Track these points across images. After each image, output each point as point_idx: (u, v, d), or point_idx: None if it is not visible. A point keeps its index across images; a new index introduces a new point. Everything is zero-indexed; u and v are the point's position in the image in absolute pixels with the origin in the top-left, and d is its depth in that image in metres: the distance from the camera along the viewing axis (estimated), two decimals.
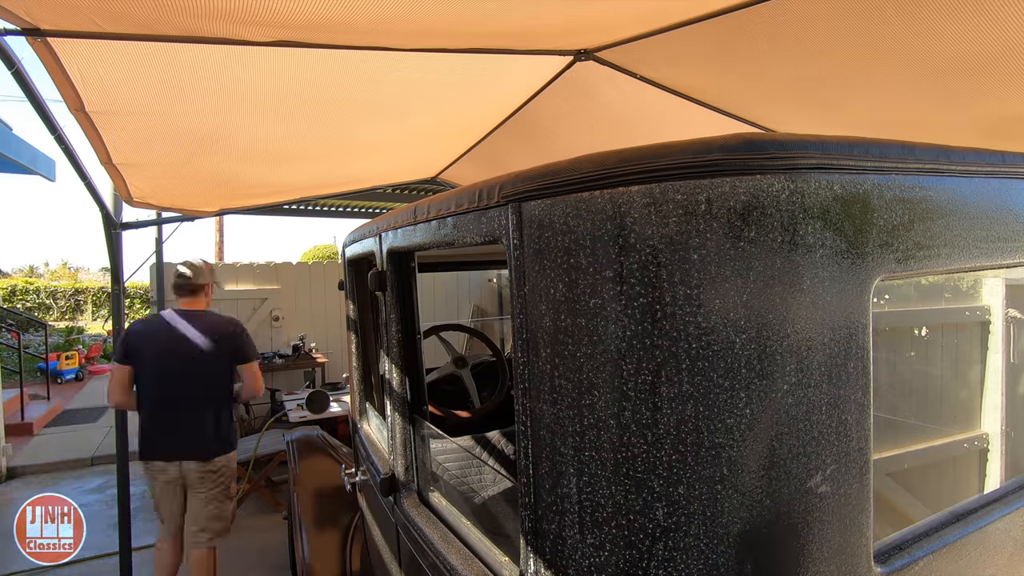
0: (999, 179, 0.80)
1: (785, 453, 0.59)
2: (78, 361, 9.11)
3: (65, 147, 1.91)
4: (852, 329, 0.63)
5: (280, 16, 1.30)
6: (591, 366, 0.61)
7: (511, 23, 1.50)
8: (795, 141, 0.59)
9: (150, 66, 1.49)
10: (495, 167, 3.03)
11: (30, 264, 21.85)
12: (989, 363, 2.70)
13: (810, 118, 2.17)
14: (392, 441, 1.35)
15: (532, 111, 2.42)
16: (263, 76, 1.64)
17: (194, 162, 2.26)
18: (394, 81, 1.86)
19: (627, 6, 1.48)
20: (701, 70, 1.92)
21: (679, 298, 0.57)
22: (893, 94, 1.82)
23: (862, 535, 0.65)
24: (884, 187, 0.65)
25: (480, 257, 2.15)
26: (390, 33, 1.50)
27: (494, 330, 6.09)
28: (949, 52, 1.48)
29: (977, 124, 1.96)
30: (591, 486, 0.62)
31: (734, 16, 1.48)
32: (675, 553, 0.59)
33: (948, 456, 2.67)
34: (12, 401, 6.21)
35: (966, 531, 0.81)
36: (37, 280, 15.55)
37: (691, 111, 2.22)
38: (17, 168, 4.97)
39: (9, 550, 3.39)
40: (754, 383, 0.58)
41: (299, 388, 5.05)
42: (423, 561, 1.12)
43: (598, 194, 0.60)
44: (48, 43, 1.28)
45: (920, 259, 0.69)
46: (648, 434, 0.59)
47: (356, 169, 2.80)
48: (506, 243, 0.68)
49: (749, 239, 0.57)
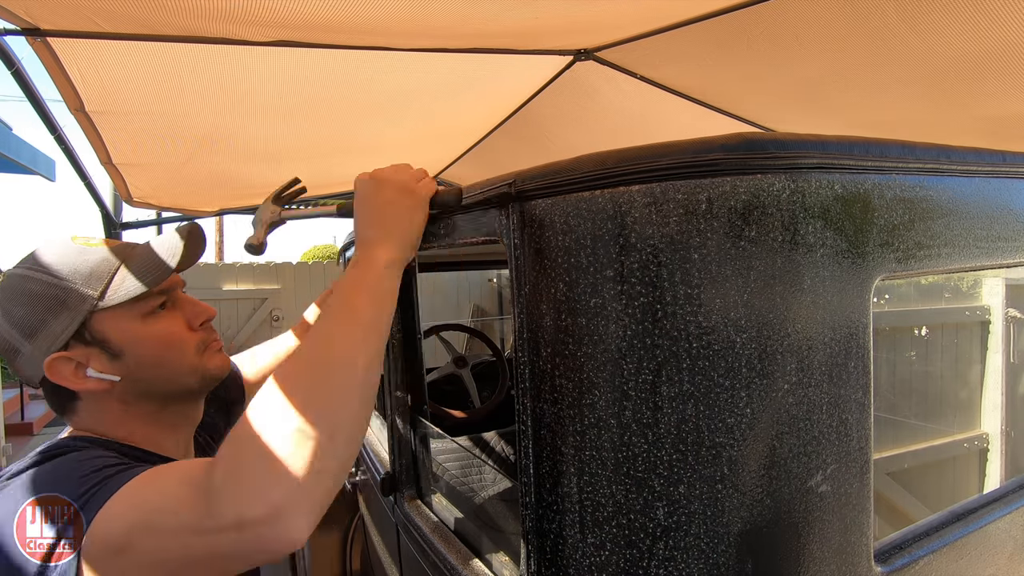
0: (999, 179, 0.80)
1: (786, 452, 0.59)
2: None
3: (65, 147, 1.92)
4: (853, 328, 0.63)
5: (280, 16, 1.30)
6: (592, 365, 0.61)
7: (511, 23, 1.50)
8: (795, 141, 0.59)
9: (150, 66, 1.49)
10: (495, 167, 3.03)
11: None
12: (989, 363, 2.71)
13: (810, 118, 2.17)
14: (392, 441, 1.35)
15: (532, 111, 2.42)
16: (263, 76, 1.64)
17: (194, 162, 2.26)
18: (394, 81, 1.86)
19: (627, 6, 1.48)
20: (701, 70, 1.92)
21: (680, 297, 0.57)
22: (893, 94, 1.82)
23: (862, 534, 0.65)
24: (884, 187, 0.65)
25: (480, 257, 2.15)
26: (390, 33, 1.50)
27: (494, 330, 6.09)
28: (949, 52, 1.48)
29: (977, 124, 1.96)
30: (592, 485, 0.62)
31: (734, 16, 1.48)
32: (676, 552, 0.59)
33: (948, 456, 2.68)
34: (12, 401, 6.21)
35: (966, 531, 0.81)
36: None
37: (691, 111, 2.22)
38: (17, 168, 4.98)
39: None
40: (755, 382, 0.58)
41: None
42: (423, 561, 1.12)
43: (599, 194, 0.60)
44: (48, 43, 1.28)
45: (920, 259, 0.69)
46: (649, 433, 0.59)
47: (356, 169, 2.79)
48: (506, 243, 0.68)
49: (750, 238, 0.57)
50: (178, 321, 0.75)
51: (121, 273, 0.70)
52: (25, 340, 0.67)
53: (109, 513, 0.53)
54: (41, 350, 0.66)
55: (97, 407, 0.71)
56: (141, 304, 0.71)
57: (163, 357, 0.72)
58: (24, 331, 0.66)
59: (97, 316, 0.68)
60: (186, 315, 0.77)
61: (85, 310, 0.67)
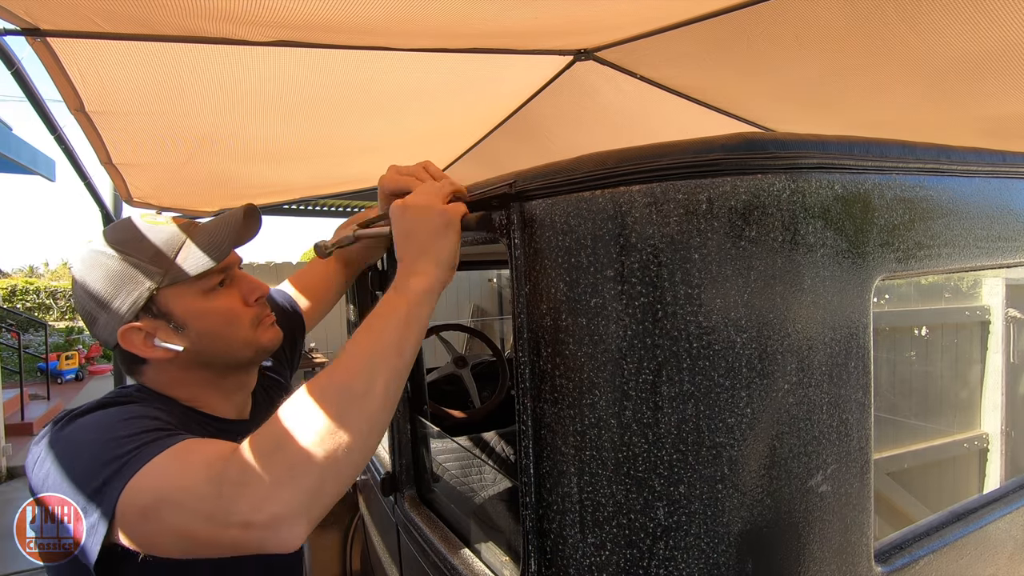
0: (999, 179, 0.80)
1: (786, 452, 0.60)
2: (78, 361, 9.12)
3: (65, 147, 1.91)
4: (853, 328, 0.63)
5: (280, 16, 1.30)
6: (592, 365, 0.61)
7: (511, 23, 1.50)
8: (796, 141, 0.59)
9: (150, 66, 1.49)
10: (495, 167, 3.03)
11: (30, 264, 21.88)
12: (989, 363, 2.71)
13: (810, 118, 2.17)
14: (392, 441, 1.35)
15: (532, 111, 2.42)
16: (263, 76, 1.64)
17: (194, 162, 2.26)
18: (394, 81, 1.86)
19: (627, 6, 1.48)
20: (701, 70, 1.92)
21: (680, 297, 0.57)
22: (893, 94, 1.82)
23: (863, 534, 0.65)
24: (885, 187, 0.65)
25: (480, 257, 2.15)
26: (390, 33, 1.50)
27: (494, 330, 6.09)
28: (949, 52, 1.48)
29: (977, 124, 1.96)
30: (592, 485, 0.62)
31: (734, 16, 1.48)
32: (676, 552, 0.59)
33: (948, 456, 2.68)
34: (12, 401, 6.22)
35: (966, 531, 0.81)
36: (37, 280, 15.55)
37: (691, 111, 2.22)
38: (17, 168, 4.97)
39: (9, 550, 3.40)
40: (755, 382, 0.58)
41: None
42: (423, 561, 1.12)
43: (599, 194, 0.60)
44: (48, 43, 1.28)
45: (920, 259, 0.69)
46: (649, 433, 0.59)
47: (356, 169, 2.80)
48: (506, 243, 0.68)
49: (750, 238, 0.57)
50: (235, 297, 0.81)
51: (184, 251, 0.76)
52: (101, 310, 0.74)
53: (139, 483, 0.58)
54: (115, 320, 0.74)
55: (162, 371, 0.79)
56: (203, 281, 0.77)
57: (222, 331, 0.79)
58: (100, 302, 0.74)
59: (163, 292, 0.75)
60: (242, 291, 0.83)
61: (152, 286, 0.74)
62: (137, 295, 0.74)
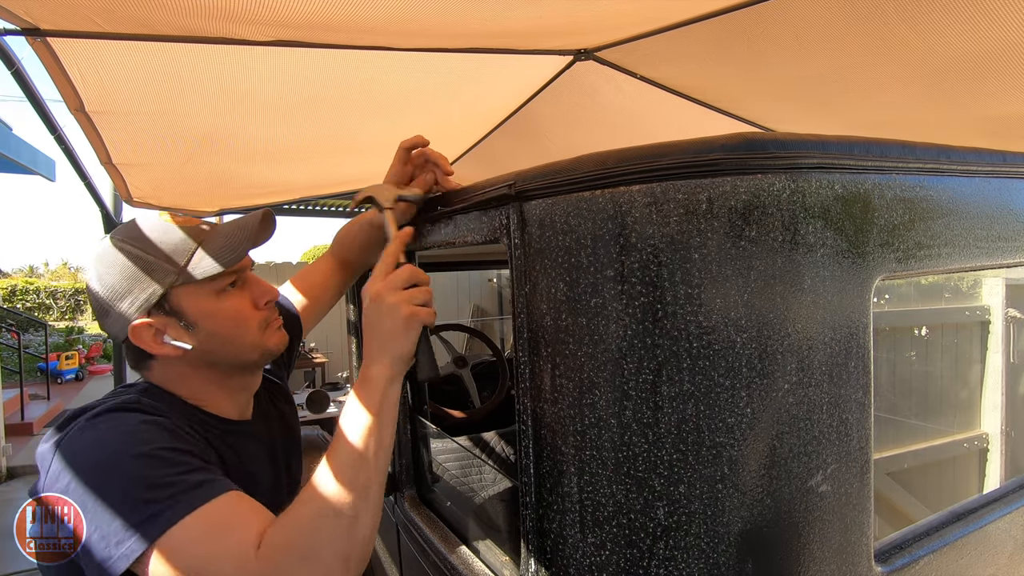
0: (999, 179, 0.80)
1: (786, 452, 0.59)
2: (78, 361, 9.12)
3: (65, 147, 1.91)
4: (853, 328, 0.63)
5: (280, 16, 1.30)
6: (592, 365, 0.61)
7: (511, 23, 1.50)
8: (796, 141, 0.59)
9: (150, 66, 1.49)
10: (495, 167, 3.03)
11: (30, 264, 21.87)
12: (989, 363, 2.70)
13: (810, 117, 2.17)
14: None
15: (532, 111, 2.42)
16: (263, 76, 1.64)
17: (194, 162, 2.26)
18: (394, 81, 1.86)
19: (627, 6, 1.48)
20: (701, 70, 1.92)
21: (680, 297, 0.57)
22: (893, 94, 1.82)
23: (863, 534, 0.65)
24: (885, 187, 0.65)
25: (480, 257, 2.15)
26: (390, 33, 1.50)
27: (494, 330, 6.09)
28: (949, 52, 1.48)
29: (977, 124, 1.96)
30: (592, 485, 0.62)
31: (734, 16, 1.48)
32: (676, 552, 0.59)
33: (948, 456, 2.68)
34: (12, 401, 6.22)
35: (966, 531, 0.81)
36: (37, 280, 15.56)
37: (691, 111, 2.22)
38: (17, 168, 4.97)
39: (9, 550, 3.40)
40: (755, 382, 0.58)
41: (299, 388, 5.05)
42: (423, 561, 1.12)
43: (599, 193, 0.60)
44: (48, 43, 1.28)
45: (920, 259, 0.69)
46: (649, 433, 0.59)
47: (356, 169, 2.80)
48: (506, 243, 0.68)
49: (750, 238, 0.57)
50: (246, 300, 0.82)
51: (200, 252, 0.77)
52: (113, 304, 0.75)
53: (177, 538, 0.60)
54: (126, 315, 0.75)
55: (169, 368, 0.79)
56: (216, 282, 0.78)
57: (231, 332, 0.80)
58: (113, 296, 0.75)
59: (176, 290, 0.76)
60: (253, 294, 0.84)
61: (166, 284, 0.75)
62: (151, 292, 0.74)
